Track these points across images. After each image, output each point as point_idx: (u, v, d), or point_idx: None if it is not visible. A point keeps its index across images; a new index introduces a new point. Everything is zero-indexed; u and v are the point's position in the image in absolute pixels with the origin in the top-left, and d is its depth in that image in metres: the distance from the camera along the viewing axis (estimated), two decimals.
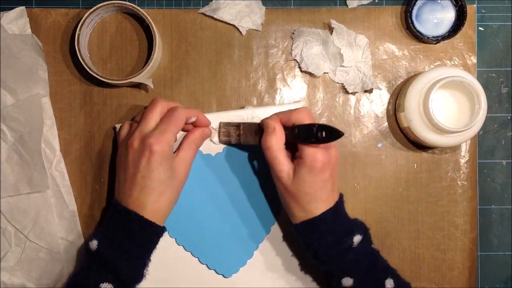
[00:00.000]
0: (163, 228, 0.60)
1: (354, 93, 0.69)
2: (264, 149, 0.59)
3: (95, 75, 0.64)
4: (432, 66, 0.69)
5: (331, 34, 0.67)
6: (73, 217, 0.66)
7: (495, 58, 0.70)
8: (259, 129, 0.62)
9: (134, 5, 0.65)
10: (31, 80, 0.66)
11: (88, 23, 0.66)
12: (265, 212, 0.66)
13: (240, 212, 0.66)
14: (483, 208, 0.70)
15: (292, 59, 0.69)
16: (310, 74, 0.69)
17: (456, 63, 0.69)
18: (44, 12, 0.68)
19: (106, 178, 0.67)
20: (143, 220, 0.57)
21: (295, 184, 0.58)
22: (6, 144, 0.65)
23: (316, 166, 0.57)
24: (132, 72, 0.68)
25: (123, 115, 0.68)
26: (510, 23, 0.70)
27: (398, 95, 0.69)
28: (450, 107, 0.65)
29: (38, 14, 0.68)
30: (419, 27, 0.68)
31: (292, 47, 0.68)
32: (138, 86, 0.68)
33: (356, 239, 0.58)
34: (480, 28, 0.70)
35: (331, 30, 0.68)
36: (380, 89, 0.69)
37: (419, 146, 0.69)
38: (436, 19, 0.68)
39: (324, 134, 0.57)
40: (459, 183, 0.69)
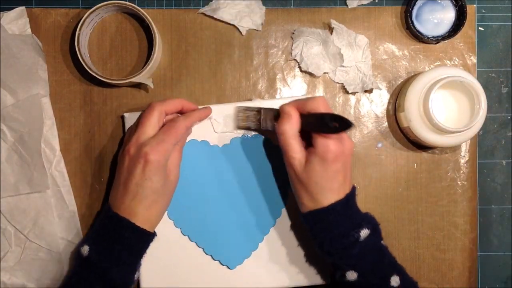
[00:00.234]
0: (154, 234, 0.60)
1: (354, 93, 0.69)
2: (278, 134, 0.59)
3: (95, 75, 0.64)
4: (432, 66, 0.69)
5: (331, 34, 0.67)
6: (73, 217, 0.66)
7: (495, 58, 0.70)
8: (278, 115, 0.62)
9: (134, 5, 0.65)
10: (31, 80, 0.66)
11: (88, 23, 0.66)
12: (270, 204, 0.66)
13: (245, 203, 0.66)
14: (483, 208, 0.70)
15: (292, 59, 0.69)
16: (310, 74, 0.69)
17: (456, 63, 0.69)
18: (44, 12, 0.68)
19: (106, 178, 0.67)
20: (134, 227, 0.57)
21: (306, 173, 0.57)
22: (6, 144, 0.65)
23: (328, 156, 0.56)
24: (132, 72, 0.68)
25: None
26: (510, 23, 0.70)
27: (398, 95, 0.69)
28: (450, 107, 0.65)
29: (38, 14, 0.68)
30: (419, 27, 0.68)
31: (292, 47, 0.68)
32: (138, 86, 0.68)
33: (364, 233, 0.57)
34: (480, 28, 0.70)
35: (331, 30, 0.68)
36: (380, 89, 0.69)
37: (419, 146, 0.69)
38: (436, 19, 0.68)
39: (336, 124, 0.56)
40: (459, 183, 0.69)
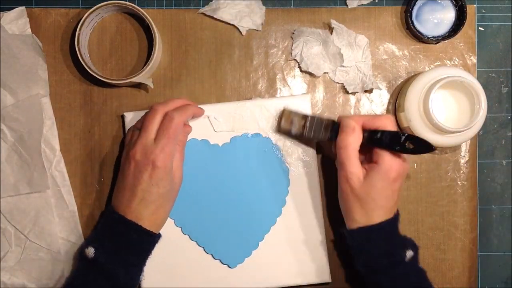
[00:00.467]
0: (159, 236, 0.60)
1: (354, 93, 0.69)
2: (340, 147, 0.59)
3: (95, 75, 0.64)
4: (432, 66, 0.69)
5: (331, 34, 0.67)
6: (73, 217, 0.66)
7: (495, 58, 0.70)
8: (332, 125, 0.61)
9: (134, 5, 0.65)
10: (31, 80, 0.66)
11: (88, 23, 0.66)
12: (271, 202, 0.66)
13: (246, 202, 0.66)
14: (483, 208, 0.70)
15: (292, 59, 0.69)
16: (310, 74, 0.69)
17: (456, 63, 0.69)
18: (44, 12, 0.68)
19: (106, 178, 0.67)
20: (141, 230, 0.58)
21: (364, 188, 0.58)
22: (6, 144, 0.65)
23: (390, 174, 0.57)
24: (132, 72, 0.68)
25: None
26: (510, 23, 0.70)
27: (398, 95, 0.68)
28: (450, 107, 0.65)
29: (38, 14, 0.68)
30: (419, 27, 0.68)
31: (292, 47, 0.68)
32: (138, 86, 0.68)
33: (409, 253, 0.58)
34: (480, 28, 0.70)
35: (331, 30, 0.68)
36: (380, 89, 0.69)
37: None
38: (436, 19, 0.68)
39: (411, 145, 0.57)
40: (459, 183, 0.69)
